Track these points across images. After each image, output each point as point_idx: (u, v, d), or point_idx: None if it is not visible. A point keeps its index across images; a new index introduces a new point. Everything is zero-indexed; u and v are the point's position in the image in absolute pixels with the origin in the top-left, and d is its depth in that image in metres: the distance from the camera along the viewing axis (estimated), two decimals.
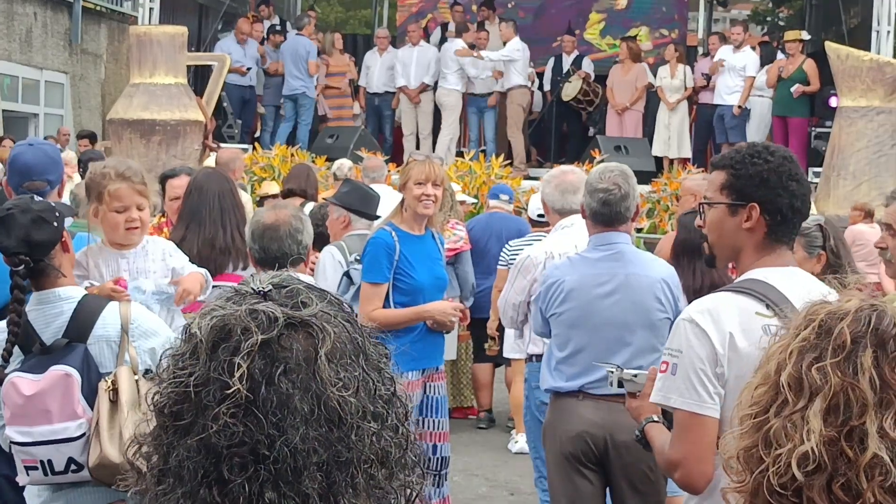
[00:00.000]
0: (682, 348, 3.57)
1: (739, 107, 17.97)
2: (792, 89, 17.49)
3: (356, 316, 1.81)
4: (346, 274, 6.99)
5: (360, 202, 7.68)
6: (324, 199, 9.20)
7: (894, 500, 1.87)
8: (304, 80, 18.83)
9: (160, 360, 1.79)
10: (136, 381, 4.35)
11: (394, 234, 6.65)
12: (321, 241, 7.83)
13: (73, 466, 4.31)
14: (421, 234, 6.76)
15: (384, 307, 6.65)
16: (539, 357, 6.82)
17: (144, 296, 5.47)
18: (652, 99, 18.92)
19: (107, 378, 4.31)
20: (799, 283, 3.56)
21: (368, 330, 1.80)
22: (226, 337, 1.70)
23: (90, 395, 4.31)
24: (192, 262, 6.41)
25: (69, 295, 4.44)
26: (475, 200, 14.34)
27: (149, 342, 4.46)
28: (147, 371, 4.48)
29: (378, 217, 7.76)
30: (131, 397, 4.30)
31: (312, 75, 18.83)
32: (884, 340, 1.94)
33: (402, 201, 6.77)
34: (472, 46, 18.46)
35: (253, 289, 1.77)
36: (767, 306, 3.51)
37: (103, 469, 4.26)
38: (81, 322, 4.38)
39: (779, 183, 3.68)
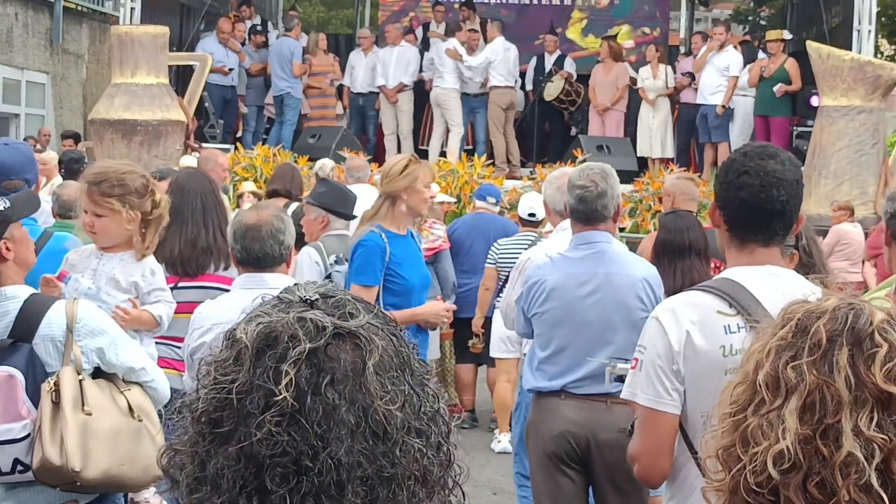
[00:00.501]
0: (647, 345, 3.64)
1: (723, 106, 18.00)
2: (775, 88, 17.53)
3: (401, 330, 1.77)
4: (328, 276, 6.97)
5: (338, 202, 7.65)
6: (300, 198, 9.20)
7: (868, 499, 1.87)
8: (289, 80, 18.83)
9: (198, 365, 1.74)
10: (81, 381, 4.33)
11: (383, 235, 6.61)
12: (301, 240, 7.83)
13: (19, 467, 4.29)
14: (405, 235, 6.76)
15: None
16: None
17: (77, 292, 5.45)
18: (634, 98, 18.96)
19: (50, 379, 4.30)
20: (777, 283, 3.55)
21: (413, 345, 1.76)
22: (272, 344, 1.66)
23: (35, 396, 4.28)
24: (174, 262, 6.43)
25: (14, 294, 4.41)
26: (455, 200, 14.35)
27: (95, 341, 4.44)
28: (98, 370, 4.48)
29: (355, 217, 7.74)
30: (74, 398, 4.28)
31: (297, 76, 18.83)
32: (860, 339, 1.94)
33: (388, 202, 6.72)
34: (462, 44, 18.47)
35: (300, 297, 1.73)
36: (730, 305, 3.53)
37: (45, 472, 4.24)
38: (27, 321, 4.35)
39: (727, 178, 3.70)
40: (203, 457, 1.66)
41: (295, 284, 1.80)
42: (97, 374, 4.53)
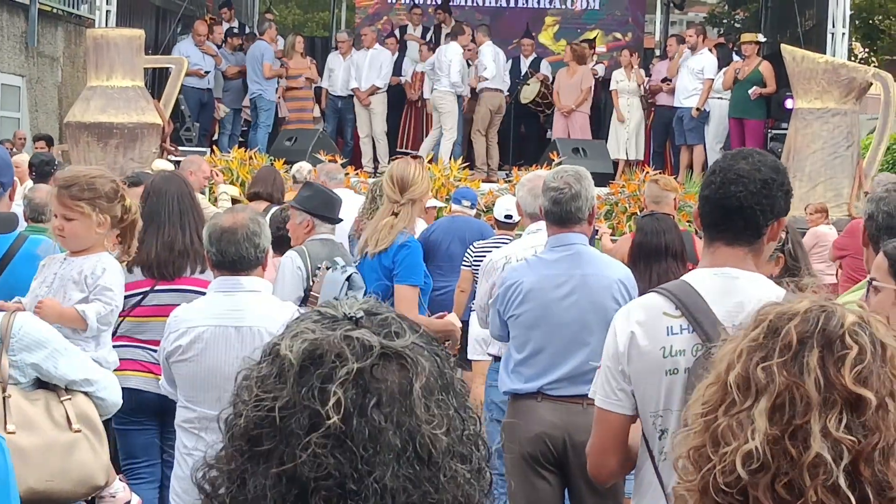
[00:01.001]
0: (604, 346, 3.71)
1: (698, 109, 18.07)
2: (749, 91, 17.60)
3: (444, 349, 1.73)
4: (349, 279, 6.98)
5: (323, 206, 7.64)
6: (285, 202, 9.20)
7: (836, 500, 1.88)
8: (261, 83, 18.86)
9: (236, 380, 1.69)
10: (7, 397, 4.31)
11: None
12: (281, 243, 7.82)
13: None
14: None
15: None
16: (498, 358, 6.87)
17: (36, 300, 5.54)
18: (608, 101, 19.03)
19: None
20: (733, 286, 3.58)
21: (454, 364, 1.72)
22: (317, 362, 1.62)
23: None
24: (151, 265, 6.43)
25: None
26: (444, 204, 14.37)
27: (32, 355, 4.42)
28: (41, 382, 4.46)
29: (341, 220, 7.77)
30: None
31: (267, 78, 18.84)
32: (830, 341, 1.95)
33: (408, 206, 6.86)
34: (464, 48, 18.61)
35: (344, 313, 1.68)
36: (676, 307, 3.57)
37: None
38: None
39: (703, 180, 3.76)
40: (240, 475, 1.62)
41: (336, 299, 1.75)
42: (43, 382, 4.52)
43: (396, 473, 1.59)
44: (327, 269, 7.17)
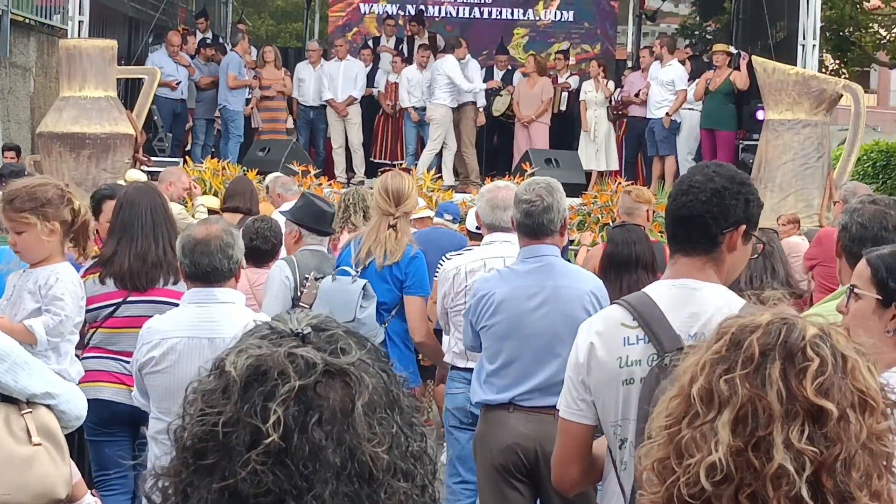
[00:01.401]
0: (569, 357, 3.77)
1: (668, 114, 18.14)
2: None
3: (392, 365, 1.74)
4: (364, 288, 7.04)
5: (311, 218, 7.69)
6: (258, 214, 9.24)
7: None
8: (226, 93, 18.90)
9: (186, 390, 1.69)
10: None
11: None
12: (255, 255, 7.85)
13: None
14: None
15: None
16: (455, 367, 7.00)
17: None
18: (579, 112, 19.12)
19: None
20: (690, 297, 3.62)
21: (402, 379, 1.73)
22: (261, 379, 1.62)
23: None
24: (123, 276, 6.43)
25: None
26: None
27: None
28: (2, 395, 4.45)
29: (332, 232, 7.85)
30: None
31: (230, 88, 18.85)
32: (792, 353, 1.97)
33: (404, 220, 7.12)
34: (460, 61, 18.72)
35: (291, 329, 1.69)
36: (633, 318, 3.61)
37: None
38: None
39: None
40: (185, 487, 1.63)
41: (288, 312, 1.76)
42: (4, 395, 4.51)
43: (336, 491, 1.60)
44: (315, 279, 7.21)
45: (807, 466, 1.91)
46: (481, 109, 19.09)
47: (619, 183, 16.65)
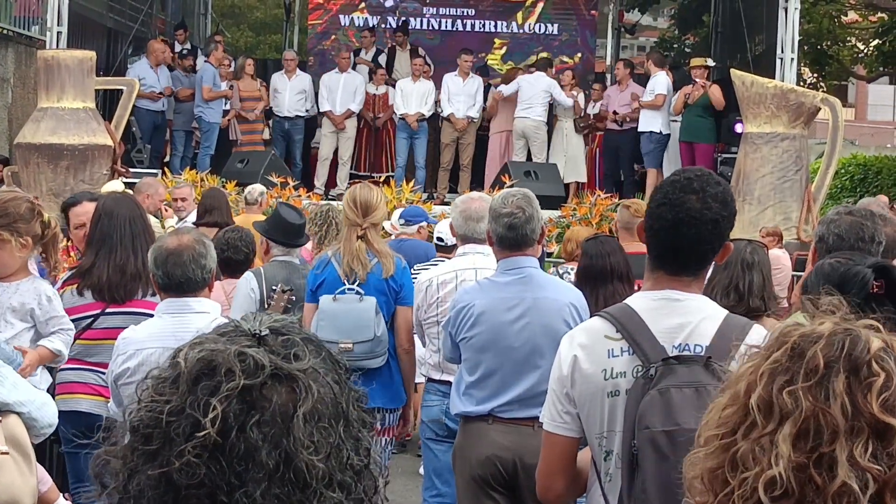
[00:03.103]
0: (551, 370, 3.76)
1: (640, 105, 18.16)
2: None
3: (349, 379, 1.75)
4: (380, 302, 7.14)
5: (274, 230, 7.71)
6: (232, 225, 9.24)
7: None
8: (201, 105, 18.85)
9: (144, 378, 1.73)
10: None
11: None
12: (228, 265, 7.85)
13: None
14: None
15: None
16: (430, 380, 7.04)
17: None
18: (552, 124, 19.12)
19: None
20: (672, 308, 3.62)
21: (357, 395, 1.74)
22: (209, 374, 1.65)
23: None
24: (102, 288, 6.39)
25: None
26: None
27: None
28: None
29: (299, 245, 7.84)
30: None
31: (205, 100, 18.81)
32: (857, 366, 1.89)
33: (374, 231, 7.13)
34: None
35: (249, 329, 1.71)
36: (617, 330, 3.60)
37: None
38: None
39: (651, 203, 3.77)
40: (129, 471, 1.67)
41: (254, 313, 1.78)
42: None
43: (267, 492, 1.62)
44: (283, 291, 7.20)
45: (870, 485, 1.83)
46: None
47: (598, 196, 16.67)
